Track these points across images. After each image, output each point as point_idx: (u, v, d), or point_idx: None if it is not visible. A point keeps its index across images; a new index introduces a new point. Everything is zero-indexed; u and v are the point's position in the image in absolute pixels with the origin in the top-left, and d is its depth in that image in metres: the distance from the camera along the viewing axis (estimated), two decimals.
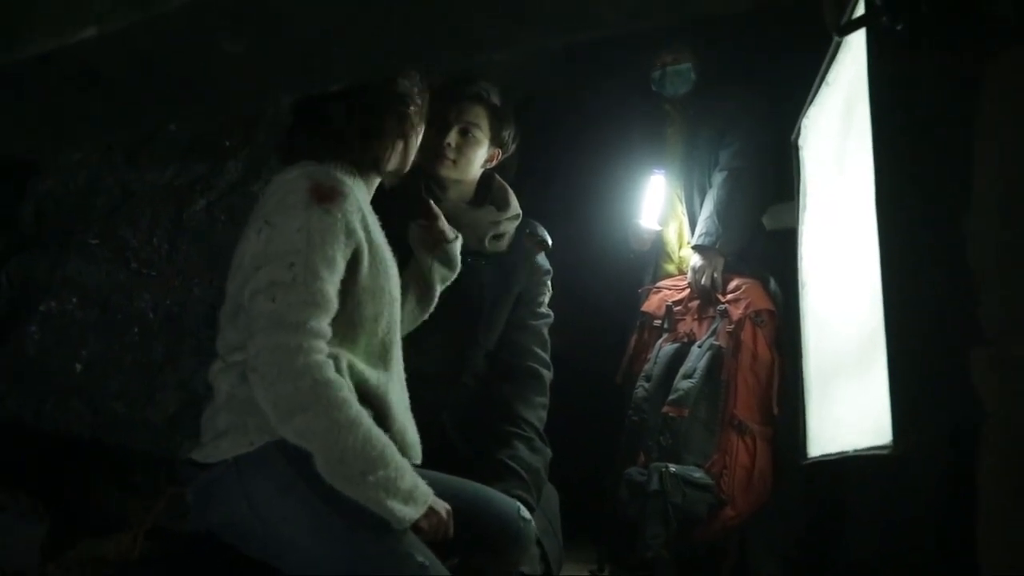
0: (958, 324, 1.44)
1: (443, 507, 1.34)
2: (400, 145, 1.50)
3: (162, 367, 2.26)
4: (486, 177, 1.96)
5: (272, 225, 1.30)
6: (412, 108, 1.50)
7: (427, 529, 1.31)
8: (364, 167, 1.45)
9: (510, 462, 1.71)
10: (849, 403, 1.69)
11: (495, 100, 1.89)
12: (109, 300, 2.21)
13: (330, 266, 1.29)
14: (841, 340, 1.81)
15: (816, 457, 1.94)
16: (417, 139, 1.55)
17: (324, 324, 1.28)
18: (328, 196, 1.31)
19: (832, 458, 1.77)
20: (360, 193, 1.42)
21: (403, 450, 1.35)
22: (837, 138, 1.90)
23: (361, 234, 1.35)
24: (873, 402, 1.44)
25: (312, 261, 1.27)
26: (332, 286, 1.29)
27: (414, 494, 1.28)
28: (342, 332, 1.32)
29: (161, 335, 2.28)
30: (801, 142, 2.32)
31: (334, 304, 1.30)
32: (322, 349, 1.26)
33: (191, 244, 2.33)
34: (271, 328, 1.24)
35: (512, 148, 1.96)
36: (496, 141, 1.92)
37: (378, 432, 1.28)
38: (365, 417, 1.27)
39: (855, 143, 1.65)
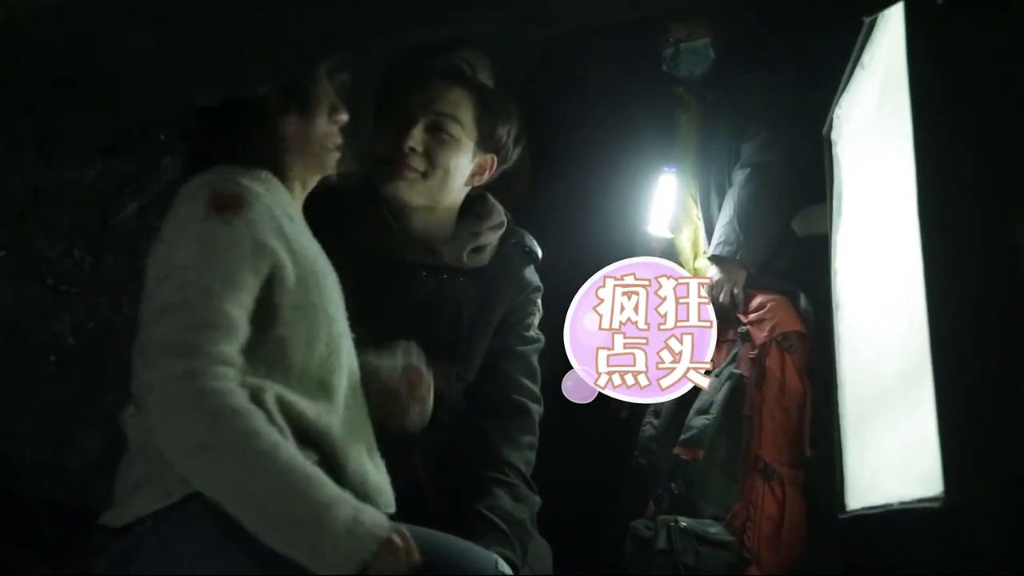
0: (1022, 349, 1.41)
1: (399, 530, 1.25)
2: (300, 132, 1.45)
3: (82, 402, 2.23)
4: (474, 202, 1.79)
5: (164, 242, 1.31)
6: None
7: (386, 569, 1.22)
8: (282, 168, 1.44)
9: (489, 513, 1.69)
10: (892, 444, 1.66)
11: (484, 79, 1.69)
12: (19, 322, 2.18)
13: (230, 283, 1.27)
14: (882, 369, 1.78)
15: (856, 510, 1.92)
16: (308, 122, 1.46)
17: (228, 349, 1.24)
18: (229, 204, 1.31)
19: (874, 511, 1.75)
20: (278, 198, 1.41)
21: (365, 497, 1.31)
22: (874, 130, 1.88)
23: (277, 244, 1.34)
24: (920, 443, 1.41)
25: (204, 278, 1.26)
26: (235, 304, 1.27)
27: (357, 532, 1.20)
28: (269, 360, 1.31)
29: (82, 364, 2.25)
30: (834, 135, 2.30)
31: (240, 326, 1.27)
32: (225, 375, 1.22)
33: (120, 256, 2.30)
34: (160, 357, 1.22)
35: (515, 155, 1.75)
36: (487, 143, 1.71)
37: (301, 461, 1.22)
38: (284, 448, 1.21)
39: (894, 135, 1.63)
